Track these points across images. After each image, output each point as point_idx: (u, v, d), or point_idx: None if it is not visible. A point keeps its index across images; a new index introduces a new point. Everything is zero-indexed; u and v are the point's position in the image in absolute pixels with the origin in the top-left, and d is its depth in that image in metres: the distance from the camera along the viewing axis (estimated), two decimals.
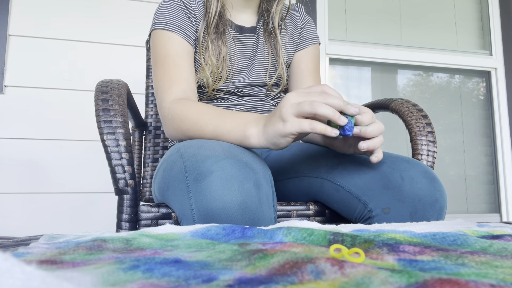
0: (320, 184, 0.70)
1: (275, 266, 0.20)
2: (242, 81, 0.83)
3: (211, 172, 0.52)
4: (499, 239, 0.30)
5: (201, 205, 0.52)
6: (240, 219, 0.51)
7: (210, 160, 0.54)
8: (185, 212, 0.54)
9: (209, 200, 0.51)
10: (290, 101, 0.53)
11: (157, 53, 0.77)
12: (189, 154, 0.58)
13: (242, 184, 0.52)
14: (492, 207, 2.05)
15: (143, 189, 1.07)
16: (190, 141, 0.63)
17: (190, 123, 0.66)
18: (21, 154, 1.47)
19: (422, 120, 0.85)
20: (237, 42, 0.84)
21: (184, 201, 0.54)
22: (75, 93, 1.54)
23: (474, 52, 2.09)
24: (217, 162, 0.53)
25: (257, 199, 0.53)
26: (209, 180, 0.52)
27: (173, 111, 0.70)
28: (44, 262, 0.23)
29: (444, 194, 0.61)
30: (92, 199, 1.51)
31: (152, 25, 0.79)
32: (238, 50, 0.84)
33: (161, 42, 0.77)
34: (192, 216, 0.53)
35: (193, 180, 0.53)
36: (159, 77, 0.75)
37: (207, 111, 0.65)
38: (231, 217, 0.51)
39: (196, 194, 0.52)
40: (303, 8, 0.93)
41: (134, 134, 1.09)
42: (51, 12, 1.53)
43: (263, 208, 0.54)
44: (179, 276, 0.19)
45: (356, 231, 0.35)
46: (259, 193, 0.54)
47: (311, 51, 0.90)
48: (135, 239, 0.30)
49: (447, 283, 0.15)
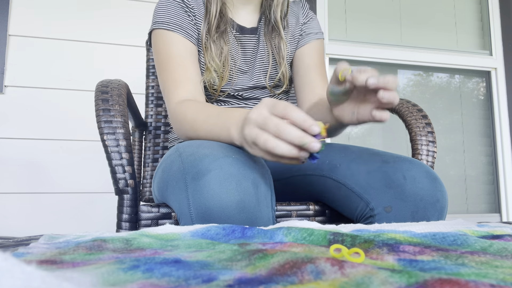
0: (323, 182, 0.70)
1: (275, 266, 0.20)
2: (244, 84, 0.82)
3: (209, 171, 0.52)
4: (499, 239, 0.30)
5: (199, 203, 0.52)
6: (237, 218, 0.51)
7: (208, 159, 0.54)
8: (183, 210, 0.54)
9: (206, 199, 0.51)
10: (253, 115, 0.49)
11: (160, 54, 0.76)
12: (188, 153, 0.58)
13: (240, 183, 0.52)
14: (492, 207, 2.05)
15: (143, 189, 1.07)
16: (189, 141, 0.64)
17: (188, 125, 0.67)
18: (21, 154, 1.47)
19: (422, 120, 0.85)
20: (237, 43, 0.83)
21: (182, 199, 0.54)
22: (75, 93, 1.54)
23: (474, 52, 2.09)
24: (215, 161, 0.53)
25: (255, 198, 0.53)
26: (206, 179, 0.52)
27: (177, 113, 0.70)
28: (44, 262, 0.23)
29: (445, 195, 0.61)
30: (92, 199, 1.51)
31: (152, 25, 0.79)
32: (240, 51, 0.83)
33: (163, 42, 0.76)
34: (190, 215, 0.53)
35: (191, 179, 0.53)
36: (164, 79, 0.75)
37: (202, 113, 0.65)
38: (229, 216, 0.51)
39: (194, 193, 0.52)
40: (306, 4, 0.92)
41: (134, 134, 1.09)
42: (51, 12, 1.53)
43: (261, 207, 0.54)
44: (179, 276, 0.19)
45: (356, 231, 0.35)
46: (257, 192, 0.53)
47: (315, 46, 0.88)
48: (135, 239, 0.30)
49: (447, 283, 0.15)
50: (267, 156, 0.48)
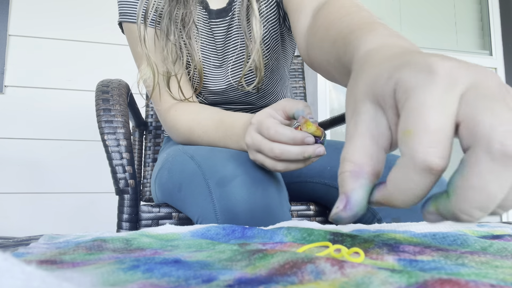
0: (325, 191, 0.68)
1: (275, 266, 0.20)
2: (218, 87, 0.72)
3: (236, 176, 0.51)
4: (499, 239, 0.30)
5: (226, 208, 0.51)
6: (264, 221, 0.51)
7: (232, 164, 0.53)
8: (207, 215, 0.53)
9: (235, 204, 0.50)
10: (248, 142, 0.50)
11: (133, 52, 0.71)
12: (202, 157, 0.57)
13: (266, 188, 0.52)
14: None
15: (144, 189, 1.07)
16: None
17: (184, 137, 0.66)
18: (21, 154, 1.47)
19: None
20: (207, 33, 0.70)
21: (205, 204, 0.53)
22: (75, 93, 1.54)
23: (474, 52, 2.09)
24: (240, 166, 0.52)
25: (278, 201, 0.53)
26: (234, 184, 0.51)
27: (168, 122, 0.68)
28: (44, 262, 0.23)
29: None
30: (92, 199, 1.51)
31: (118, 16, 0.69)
32: (208, 44, 0.70)
33: (130, 38, 0.69)
34: (216, 220, 0.52)
35: (216, 184, 0.52)
36: (147, 85, 0.69)
37: (198, 123, 0.63)
38: (256, 219, 0.51)
39: (220, 199, 0.51)
40: None
41: (134, 134, 1.09)
42: (51, 12, 1.53)
43: (284, 210, 0.54)
44: (179, 276, 0.19)
45: (356, 231, 0.35)
46: (280, 196, 0.54)
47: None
48: (135, 239, 0.30)
49: (447, 283, 0.15)
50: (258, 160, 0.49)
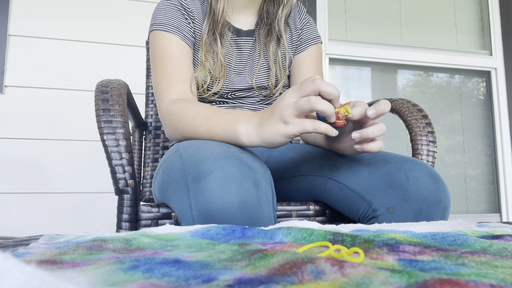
0: (324, 183, 0.70)
1: (275, 266, 0.20)
2: (239, 85, 0.83)
3: (210, 172, 0.52)
4: (499, 239, 0.30)
5: (201, 204, 0.52)
6: (239, 218, 0.51)
7: (209, 160, 0.54)
8: (185, 212, 0.54)
9: (208, 200, 0.51)
10: (288, 101, 0.53)
11: (155, 54, 0.77)
12: (188, 154, 0.58)
13: (241, 183, 0.52)
14: (492, 207, 2.05)
15: (143, 189, 1.07)
16: (189, 141, 0.63)
17: (186, 124, 0.67)
18: (21, 154, 1.47)
19: (422, 120, 0.85)
20: (233, 45, 0.84)
21: (183, 201, 0.55)
22: (75, 93, 1.54)
23: (474, 52, 2.09)
24: (216, 162, 0.53)
25: (256, 198, 0.53)
26: (208, 180, 0.52)
27: (170, 111, 0.70)
28: (44, 262, 0.23)
29: (448, 195, 0.61)
30: (92, 199, 1.51)
31: (150, 26, 0.79)
32: (236, 53, 0.84)
33: (159, 43, 0.76)
34: (191, 216, 0.53)
35: (192, 180, 0.53)
36: (158, 78, 0.75)
37: (202, 111, 0.65)
38: (231, 216, 0.51)
39: (196, 194, 0.52)
40: (303, 8, 0.92)
41: (134, 134, 1.09)
42: (51, 12, 1.53)
43: (262, 207, 0.54)
44: (179, 276, 0.19)
45: (356, 231, 0.35)
46: (258, 192, 0.54)
47: (312, 53, 0.89)
48: (135, 239, 0.30)
49: (447, 283, 0.15)
50: (307, 126, 0.52)
